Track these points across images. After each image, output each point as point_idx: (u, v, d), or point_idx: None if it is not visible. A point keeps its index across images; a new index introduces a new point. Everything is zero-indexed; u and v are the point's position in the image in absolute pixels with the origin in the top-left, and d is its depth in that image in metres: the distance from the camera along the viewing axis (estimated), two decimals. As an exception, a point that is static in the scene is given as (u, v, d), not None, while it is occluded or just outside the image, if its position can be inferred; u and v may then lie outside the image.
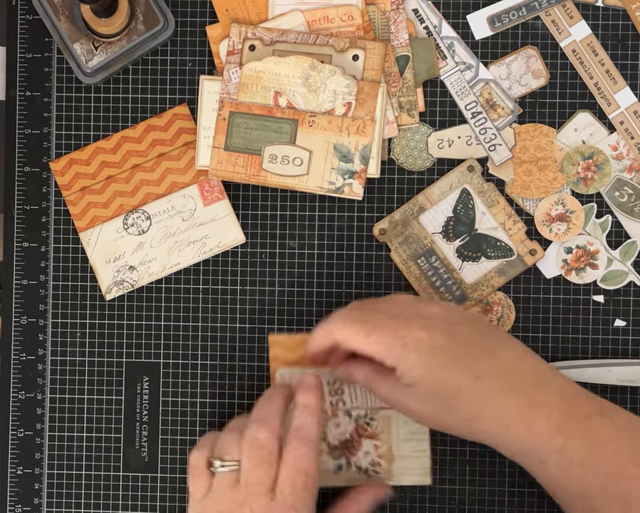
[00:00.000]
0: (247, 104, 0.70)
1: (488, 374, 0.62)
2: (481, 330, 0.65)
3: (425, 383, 0.62)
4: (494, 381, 0.62)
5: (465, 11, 0.72)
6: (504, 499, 0.72)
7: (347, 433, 0.72)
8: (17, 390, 0.74)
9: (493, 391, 0.62)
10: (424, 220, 0.72)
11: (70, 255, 0.73)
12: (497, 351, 0.63)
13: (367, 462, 0.71)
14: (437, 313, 0.64)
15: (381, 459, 0.71)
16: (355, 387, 0.71)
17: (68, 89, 0.73)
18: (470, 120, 0.72)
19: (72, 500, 0.73)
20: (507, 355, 0.63)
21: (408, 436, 0.71)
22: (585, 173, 0.72)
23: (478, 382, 0.62)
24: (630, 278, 0.72)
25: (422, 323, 0.63)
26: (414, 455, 0.71)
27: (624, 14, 0.72)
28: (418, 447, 0.71)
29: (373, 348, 0.63)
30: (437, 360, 0.62)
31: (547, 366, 0.64)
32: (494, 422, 0.62)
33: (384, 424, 0.71)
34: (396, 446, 0.71)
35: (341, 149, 0.70)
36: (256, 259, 0.73)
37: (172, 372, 0.73)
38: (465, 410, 0.62)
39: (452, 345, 0.62)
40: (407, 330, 0.62)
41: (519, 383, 0.62)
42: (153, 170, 0.73)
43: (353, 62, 0.70)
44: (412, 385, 0.63)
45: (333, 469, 0.71)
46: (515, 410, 0.62)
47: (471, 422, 0.63)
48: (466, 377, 0.62)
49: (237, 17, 0.72)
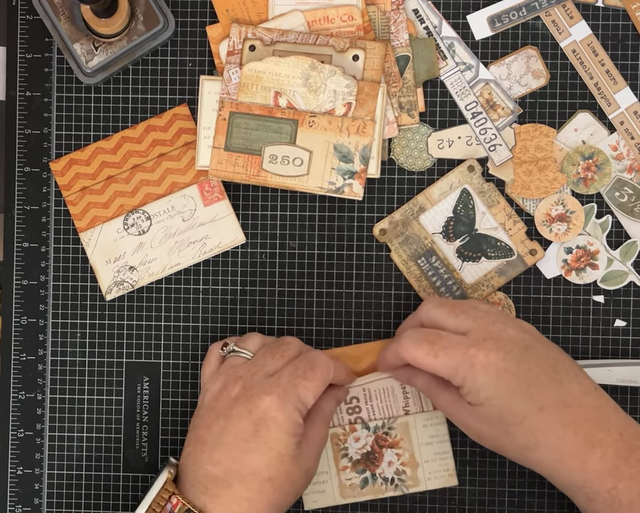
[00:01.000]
0: (247, 104, 0.70)
1: (552, 406, 0.62)
2: (552, 357, 0.64)
3: (490, 406, 0.62)
4: (557, 414, 0.62)
5: (465, 11, 0.72)
6: (504, 499, 0.72)
7: (367, 445, 0.72)
8: (17, 390, 0.74)
9: (554, 424, 0.62)
10: (424, 220, 0.72)
11: (70, 255, 0.73)
12: (564, 382, 0.63)
13: (392, 471, 0.71)
14: (512, 337, 0.64)
15: (405, 466, 0.71)
16: (372, 404, 0.71)
17: (68, 89, 0.73)
18: (470, 120, 0.72)
19: (72, 500, 0.73)
20: (572, 388, 0.63)
21: (428, 440, 0.71)
22: (585, 173, 0.72)
23: (541, 413, 0.62)
24: (630, 278, 0.72)
25: (495, 344, 0.63)
26: (437, 458, 0.71)
27: (624, 14, 0.72)
28: (440, 449, 0.71)
29: (441, 368, 0.63)
30: (506, 385, 0.62)
31: (612, 403, 0.64)
32: (550, 454, 0.62)
33: (403, 431, 0.71)
34: (418, 451, 0.71)
35: (341, 150, 0.70)
36: (256, 259, 0.73)
37: (172, 372, 0.73)
38: (524, 439, 0.63)
39: (521, 372, 0.62)
40: (477, 350, 0.63)
41: (580, 419, 0.62)
42: (153, 170, 0.73)
43: (353, 62, 0.70)
44: (476, 405, 0.63)
45: (360, 485, 0.72)
46: (572, 447, 0.62)
47: (527, 451, 0.63)
48: (530, 407, 0.62)
49: (237, 17, 0.72)
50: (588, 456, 0.62)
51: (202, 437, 0.64)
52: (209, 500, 0.62)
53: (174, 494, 0.62)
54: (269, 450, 0.62)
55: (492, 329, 0.64)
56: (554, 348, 0.66)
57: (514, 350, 0.63)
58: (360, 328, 0.73)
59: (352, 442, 0.72)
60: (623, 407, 0.71)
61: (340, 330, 0.73)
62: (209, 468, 0.63)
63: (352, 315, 0.73)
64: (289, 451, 0.63)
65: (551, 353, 0.65)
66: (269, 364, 0.65)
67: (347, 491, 0.72)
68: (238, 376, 0.65)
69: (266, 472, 0.62)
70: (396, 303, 0.73)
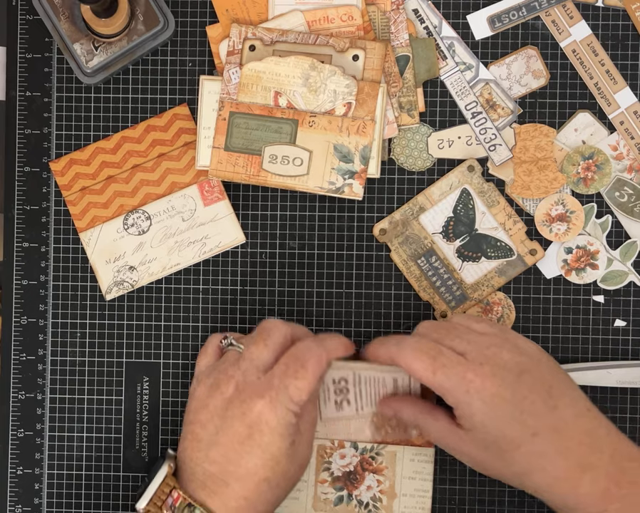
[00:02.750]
0: (247, 104, 0.70)
1: (545, 432, 0.62)
2: (547, 381, 0.64)
3: (484, 432, 0.63)
4: (550, 440, 0.62)
5: (465, 11, 0.72)
6: (504, 499, 0.72)
7: (351, 465, 0.72)
8: (17, 390, 0.74)
9: (547, 450, 0.62)
10: (424, 220, 0.72)
11: (70, 255, 0.73)
12: (557, 406, 0.63)
13: (368, 496, 0.71)
14: (507, 362, 0.64)
15: (383, 494, 0.71)
16: (360, 389, 0.70)
17: (68, 89, 0.73)
18: (470, 120, 0.72)
19: (72, 500, 0.73)
20: (565, 413, 0.63)
21: (412, 474, 0.71)
22: (585, 173, 0.72)
23: (535, 439, 0.62)
24: (630, 278, 0.72)
25: (491, 370, 0.63)
26: (416, 494, 0.71)
27: (624, 14, 0.72)
28: (421, 487, 0.71)
29: (436, 385, 0.63)
30: (500, 412, 0.62)
31: (604, 423, 0.64)
32: (544, 480, 0.63)
33: (389, 460, 0.71)
34: (399, 483, 0.71)
35: (341, 150, 0.70)
36: (256, 259, 0.73)
37: (172, 372, 0.73)
38: (519, 465, 0.63)
39: (516, 398, 0.62)
40: (474, 375, 0.62)
41: (572, 445, 0.62)
42: (153, 170, 0.73)
43: (353, 62, 0.70)
44: (469, 430, 0.63)
45: (334, 501, 0.72)
46: (564, 471, 0.62)
47: (523, 476, 0.63)
48: (524, 434, 0.62)
49: (237, 17, 0.72)
50: (579, 480, 0.62)
51: (197, 435, 0.64)
52: (207, 496, 0.63)
53: (175, 488, 0.63)
54: (263, 453, 0.63)
55: (488, 353, 0.64)
56: (550, 367, 0.65)
57: (509, 377, 0.63)
58: (360, 328, 0.73)
59: (337, 458, 0.71)
60: (622, 408, 0.72)
61: (340, 331, 0.73)
62: (205, 466, 0.63)
63: (352, 315, 0.73)
64: (284, 452, 0.63)
65: (546, 376, 0.64)
66: (255, 355, 0.65)
67: (320, 505, 0.72)
68: (230, 375, 0.65)
69: (262, 472, 0.63)
70: (396, 303, 0.73)
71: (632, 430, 0.72)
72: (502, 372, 0.63)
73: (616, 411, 0.72)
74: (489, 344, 0.64)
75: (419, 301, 0.73)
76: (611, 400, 0.72)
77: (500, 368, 0.63)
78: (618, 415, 0.72)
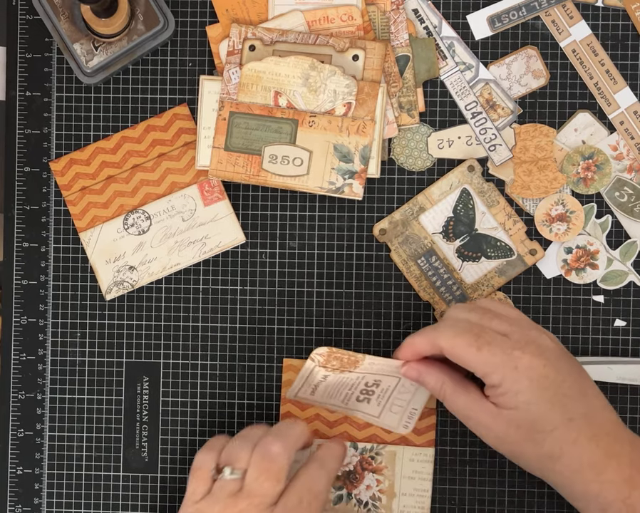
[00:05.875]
0: (247, 104, 0.70)
1: (579, 418, 0.63)
2: (578, 369, 0.65)
3: (526, 410, 0.62)
4: (583, 426, 0.62)
5: (465, 11, 0.72)
6: (504, 499, 0.72)
7: (351, 465, 0.72)
8: (17, 390, 0.74)
9: (579, 436, 0.62)
10: (424, 220, 0.72)
11: (70, 255, 0.73)
12: (588, 395, 0.64)
13: (368, 495, 0.71)
14: (549, 345, 0.64)
15: (382, 494, 0.71)
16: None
17: (68, 89, 0.73)
18: (470, 120, 0.72)
19: (72, 500, 0.73)
20: (594, 402, 0.64)
21: (411, 474, 0.71)
22: (585, 173, 0.72)
23: (570, 424, 0.62)
24: (630, 278, 0.72)
25: (537, 350, 0.63)
26: (415, 494, 0.71)
27: (624, 14, 0.72)
28: (421, 486, 0.71)
29: (480, 363, 0.62)
30: (546, 392, 0.62)
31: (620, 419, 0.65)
32: (570, 465, 0.63)
33: (389, 459, 0.71)
34: (399, 483, 0.71)
35: (341, 150, 0.70)
36: (256, 259, 0.73)
37: (172, 372, 0.73)
38: (550, 447, 0.63)
39: (558, 380, 0.63)
40: (522, 352, 0.62)
41: (601, 432, 0.63)
42: (153, 170, 0.73)
43: (353, 62, 0.70)
44: (510, 408, 0.63)
45: (334, 500, 0.71)
46: (593, 458, 0.62)
47: (549, 460, 0.63)
48: (562, 417, 0.62)
49: (237, 17, 0.72)
50: (605, 467, 0.62)
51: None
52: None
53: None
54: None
55: (531, 334, 0.64)
56: (576, 360, 0.66)
57: (552, 358, 0.63)
58: (360, 328, 0.73)
59: None
60: (622, 406, 0.72)
61: (340, 330, 0.73)
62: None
63: (352, 315, 0.73)
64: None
65: (575, 364, 0.65)
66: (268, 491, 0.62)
67: None
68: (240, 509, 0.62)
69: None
70: (396, 303, 0.73)
71: (632, 430, 0.72)
72: (546, 352, 0.63)
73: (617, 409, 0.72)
74: (528, 327, 0.64)
75: (419, 301, 0.73)
76: (611, 397, 0.72)
77: (544, 349, 0.63)
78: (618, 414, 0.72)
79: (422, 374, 0.66)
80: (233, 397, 0.73)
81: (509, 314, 0.66)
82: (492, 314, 0.65)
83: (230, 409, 0.73)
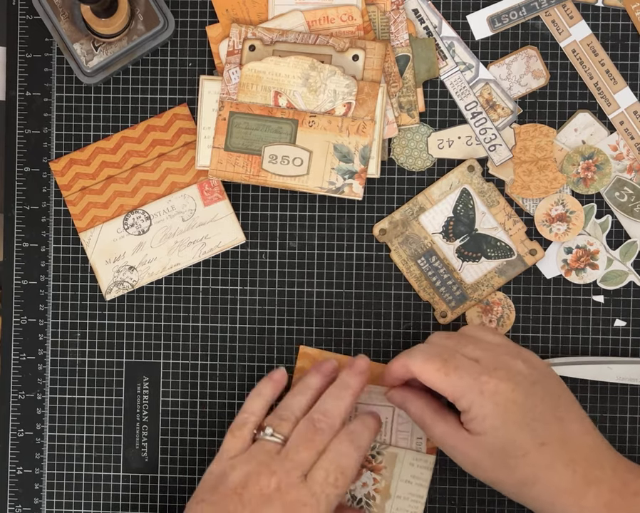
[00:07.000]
0: (247, 104, 0.70)
1: (553, 443, 0.62)
2: (556, 394, 0.64)
3: (494, 435, 0.62)
4: (558, 451, 0.62)
5: (465, 11, 0.72)
6: (504, 499, 0.72)
7: None
8: (17, 390, 0.74)
9: (554, 461, 0.62)
10: (424, 220, 0.72)
11: (70, 255, 0.73)
12: (565, 420, 0.63)
13: (363, 493, 0.71)
14: (522, 370, 0.64)
15: (377, 493, 0.71)
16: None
17: (68, 89, 0.73)
18: (470, 120, 0.72)
19: (72, 500, 0.73)
20: (572, 427, 0.63)
21: (409, 478, 0.71)
22: (585, 173, 0.72)
23: (543, 449, 0.62)
24: (630, 278, 0.72)
25: (506, 375, 0.63)
26: (410, 498, 0.71)
27: (624, 14, 0.72)
28: (416, 492, 0.71)
29: (449, 387, 0.63)
30: (512, 417, 0.62)
31: (605, 442, 0.64)
32: (547, 490, 0.62)
33: (389, 460, 0.71)
34: (395, 485, 0.71)
35: (341, 150, 0.70)
36: (256, 259, 0.73)
37: (172, 372, 0.74)
38: (523, 473, 0.62)
39: (528, 405, 0.62)
40: (489, 377, 0.62)
41: (579, 458, 0.62)
42: (153, 170, 0.73)
43: (353, 62, 0.70)
44: (479, 434, 0.63)
45: None
46: (570, 484, 0.62)
47: (524, 486, 0.63)
48: (533, 442, 0.62)
49: (237, 17, 0.72)
50: (584, 493, 0.62)
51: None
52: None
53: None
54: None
55: (502, 360, 0.64)
56: (559, 384, 0.66)
57: (523, 383, 0.63)
58: (360, 328, 0.73)
59: None
60: (622, 406, 0.71)
61: (340, 330, 0.73)
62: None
63: (352, 315, 0.73)
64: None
65: (555, 390, 0.65)
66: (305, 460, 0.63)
67: None
68: (273, 470, 0.63)
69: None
70: (396, 303, 0.73)
71: (632, 430, 0.72)
72: (516, 378, 0.63)
73: (616, 410, 0.72)
74: (502, 353, 0.65)
75: (419, 301, 0.73)
76: (611, 397, 0.72)
77: (515, 373, 0.63)
78: (618, 414, 0.72)
79: (406, 401, 0.67)
80: (233, 397, 0.73)
81: (491, 340, 0.66)
82: (468, 340, 0.65)
83: (230, 409, 0.73)
